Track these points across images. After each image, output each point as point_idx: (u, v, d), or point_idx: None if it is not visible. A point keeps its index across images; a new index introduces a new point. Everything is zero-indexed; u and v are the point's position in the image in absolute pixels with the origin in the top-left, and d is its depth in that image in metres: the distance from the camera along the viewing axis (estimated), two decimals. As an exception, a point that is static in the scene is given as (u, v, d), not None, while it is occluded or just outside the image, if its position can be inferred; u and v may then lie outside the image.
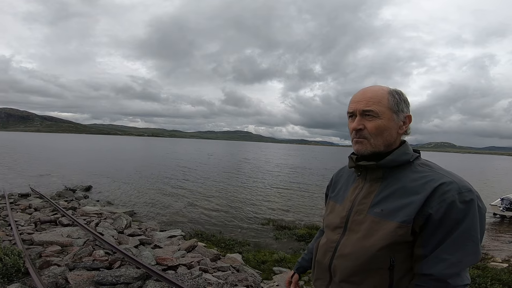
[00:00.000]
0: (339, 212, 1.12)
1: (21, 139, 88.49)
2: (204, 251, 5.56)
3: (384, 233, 0.95)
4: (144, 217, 9.73)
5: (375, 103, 1.01)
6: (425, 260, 0.91)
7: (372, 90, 1.05)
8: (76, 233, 5.62)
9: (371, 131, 1.01)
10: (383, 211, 0.97)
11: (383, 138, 1.02)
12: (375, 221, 0.98)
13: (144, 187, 15.68)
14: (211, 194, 14.50)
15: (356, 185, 1.12)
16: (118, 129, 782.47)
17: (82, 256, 4.36)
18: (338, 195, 1.19)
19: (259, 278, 4.84)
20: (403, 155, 1.02)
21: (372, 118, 1.01)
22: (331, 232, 1.13)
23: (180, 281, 3.61)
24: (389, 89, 1.05)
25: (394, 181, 1.00)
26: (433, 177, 0.94)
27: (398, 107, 1.02)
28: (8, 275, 3.29)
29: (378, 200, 1.01)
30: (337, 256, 1.06)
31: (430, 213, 0.90)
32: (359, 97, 1.05)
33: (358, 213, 1.04)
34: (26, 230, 5.65)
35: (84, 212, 8.05)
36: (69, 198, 11.03)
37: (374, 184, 1.05)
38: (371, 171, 1.05)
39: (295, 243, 7.57)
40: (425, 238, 0.92)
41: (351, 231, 1.05)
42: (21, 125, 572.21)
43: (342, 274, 1.04)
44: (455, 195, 0.88)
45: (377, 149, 1.02)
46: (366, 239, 0.98)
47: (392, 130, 1.02)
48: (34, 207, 8.02)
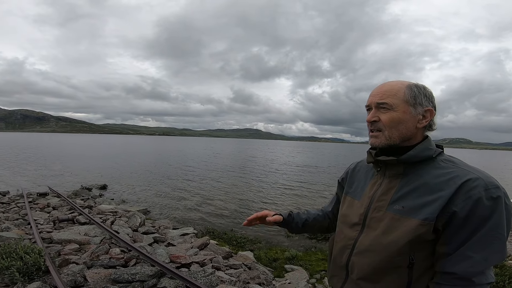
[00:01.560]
0: (357, 209, 1.12)
1: (38, 140, 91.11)
2: (216, 249, 5.64)
3: (405, 230, 0.93)
4: (157, 215, 9.92)
5: (390, 95, 1.01)
6: (449, 258, 0.90)
7: (389, 84, 1.05)
8: (93, 231, 5.78)
9: (385, 123, 1.01)
10: (404, 208, 0.96)
11: (398, 131, 1.01)
12: (395, 218, 0.97)
13: (156, 185, 15.95)
14: (222, 192, 14.62)
15: (374, 181, 1.11)
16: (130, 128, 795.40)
17: (99, 254, 4.49)
18: (356, 190, 1.18)
19: (271, 276, 4.89)
20: (426, 150, 1.00)
21: (386, 111, 1.01)
22: (348, 229, 1.12)
23: (194, 278, 3.68)
24: (408, 83, 1.04)
25: (415, 177, 0.99)
26: (458, 173, 0.92)
27: (416, 100, 1.00)
28: (29, 273, 3.39)
29: (398, 196, 0.99)
30: (355, 253, 1.06)
31: (455, 210, 0.88)
32: (376, 91, 1.05)
33: (377, 210, 1.03)
34: (45, 229, 5.85)
35: (100, 210, 8.27)
36: (85, 196, 11.33)
37: (393, 180, 1.03)
38: (391, 167, 1.04)
39: (306, 241, 7.57)
40: (449, 236, 0.90)
41: (369, 228, 1.04)
42: (37, 126, 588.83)
43: (360, 272, 1.03)
44: (481, 191, 0.86)
45: (392, 142, 1.01)
46: (385, 237, 0.98)
47: (408, 123, 1.00)
48: (53, 206, 8.27)
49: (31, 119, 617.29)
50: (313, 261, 5.89)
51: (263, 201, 12.82)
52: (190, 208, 11.14)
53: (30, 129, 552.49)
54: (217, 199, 12.84)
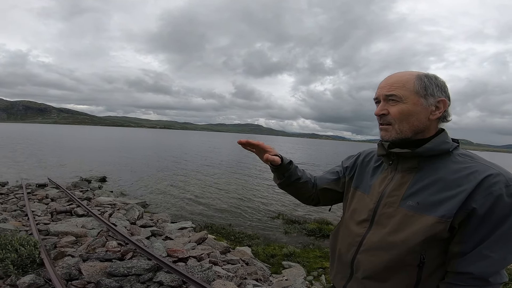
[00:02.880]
0: (366, 204, 1.05)
1: (39, 131, 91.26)
2: (214, 244, 5.61)
3: (419, 228, 0.88)
4: (155, 208, 9.91)
5: (399, 87, 0.95)
6: (464, 258, 0.85)
7: (397, 75, 0.98)
8: (91, 224, 5.75)
9: (394, 116, 0.95)
10: (419, 204, 0.90)
11: (409, 124, 0.95)
12: (409, 215, 0.91)
13: (156, 178, 15.94)
14: (221, 187, 14.61)
15: (385, 175, 1.05)
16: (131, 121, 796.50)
17: (95, 247, 4.46)
18: (365, 184, 1.11)
19: (268, 272, 4.86)
20: (442, 143, 0.94)
21: (395, 103, 0.95)
22: (355, 225, 1.06)
23: (191, 273, 3.64)
24: (418, 73, 0.97)
25: (431, 172, 0.93)
26: (478, 168, 0.86)
27: (427, 91, 0.94)
28: (23, 266, 3.36)
29: (412, 192, 0.94)
30: (362, 251, 1.00)
31: (474, 207, 0.82)
32: (384, 83, 0.99)
33: (388, 206, 0.97)
34: (43, 221, 5.82)
35: (98, 202, 8.25)
36: (84, 188, 11.31)
37: (407, 175, 0.97)
38: (404, 160, 0.98)
39: (305, 238, 7.55)
40: (465, 234, 0.85)
41: (378, 224, 0.98)
42: (39, 117, 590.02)
43: (366, 271, 0.98)
44: (502, 188, 0.81)
45: (403, 135, 0.95)
46: (396, 234, 0.92)
47: (420, 115, 0.94)
48: (51, 197, 8.25)
49: (33, 110, 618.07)
50: (310, 258, 5.87)
51: (262, 195, 12.81)
52: (188, 202, 11.13)
53: (32, 120, 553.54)
54: (216, 194, 12.82)
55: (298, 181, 1.23)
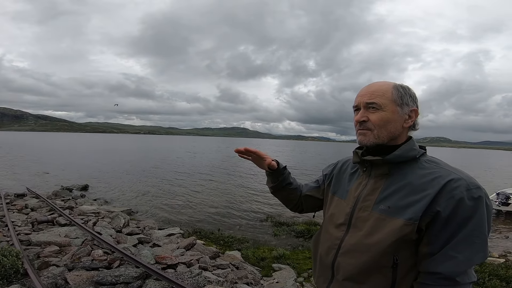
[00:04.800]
0: (343, 208, 1.11)
1: (15, 139, 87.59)
2: (203, 249, 5.57)
3: (390, 230, 0.94)
4: (142, 215, 9.71)
5: (379, 96, 1.02)
6: (432, 258, 0.90)
7: (377, 85, 1.06)
8: (74, 233, 5.58)
9: (374, 123, 1.02)
10: (390, 208, 0.96)
11: (387, 130, 1.01)
12: (381, 218, 0.97)
13: (141, 185, 15.63)
14: (208, 192, 14.49)
15: (360, 181, 1.11)
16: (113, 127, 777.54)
17: (80, 256, 4.33)
18: (342, 190, 1.18)
19: (258, 275, 4.86)
20: (410, 151, 1.01)
21: (376, 110, 1.02)
22: (334, 229, 1.12)
23: (180, 279, 3.61)
24: (394, 84, 1.06)
25: (400, 178, 0.99)
26: (441, 174, 0.93)
27: (402, 100, 1.02)
28: (6, 276, 3.25)
29: (384, 196, 1.00)
30: (341, 254, 1.05)
31: (438, 210, 0.89)
32: (364, 91, 1.06)
33: (363, 210, 1.03)
34: (24, 231, 5.60)
35: (81, 211, 8.00)
36: (65, 197, 10.95)
37: (379, 181, 1.04)
38: (376, 167, 1.05)
39: (294, 240, 7.60)
40: (432, 235, 0.91)
41: (355, 228, 1.04)
42: (15, 125, 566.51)
43: (345, 272, 1.03)
44: (463, 191, 0.87)
45: (380, 140, 1.02)
46: (370, 237, 0.98)
47: (396, 123, 1.02)
48: (31, 207, 7.95)
49: (9, 118, 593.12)
50: (300, 260, 5.91)
51: (249, 199, 12.79)
52: (176, 208, 10.97)
53: (8, 127, 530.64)
54: (204, 199, 12.71)
55: (289, 186, 1.33)
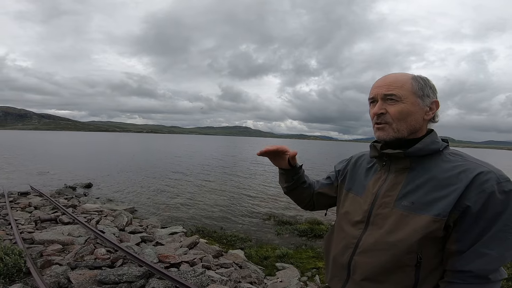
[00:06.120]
0: (360, 205, 1.06)
1: (20, 137, 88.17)
2: (206, 248, 5.54)
3: (415, 228, 0.88)
4: (144, 214, 9.71)
5: (398, 87, 0.96)
6: (462, 256, 0.85)
7: (394, 76, 1.00)
8: (77, 231, 5.58)
9: (393, 116, 0.96)
10: (414, 204, 0.91)
11: (406, 123, 0.96)
12: (404, 215, 0.92)
13: (143, 183, 15.64)
14: (210, 190, 14.48)
15: (378, 176, 1.06)
16: (116, 126, 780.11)
17: (83, 254, 4.32)
18: (358, 186, 1.12)
19: (262, 274, 4.83)
20: (433, 143, 0.95)
21: (394, 102, 0.96)
22: (351, 227, 1.06)
23: (184, 279, 3.58)
24: (413, 75, 1.00)
25: (423, 172, 0.94)
26: (469, 167, 0.88)
27: (423, 92, 0.97)
28: (9, 275, 3.24)
29: (406, 192, 0.94)
30: (359, 253, 1.00)
31: (468, 205, 0.83)
32: (381, 82, 1.00)
33: (383, 207, 0.98)
34: (27, 229, 5.60)
35: (84, 209, 8.01)
36: (69, 195, 10.97)
37: (400, 175, 0.98)
38: (397, 161, 0.99)
39: (297, 238, 7.56)
40: (461, 232, 0.86)
41: (374, 225, 0.99)
42: (19, 123, 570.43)
43: (364, 272, 0.98)
44: (494, 185, 0.82)
45: (400, 134, 0.97)
46: (393, 235, 0.92)
47: (417, 115, 0.97)
48: (34, 206, 7.96)
49: (13, 117, 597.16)
50: (304, 259, 5.87)
51: (252, 197, 12.76)
52: (178, 206, 10.96)
53: (12, 126, 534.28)
54: (206, 198, 12.70)
55: (303, 185, 1.28)
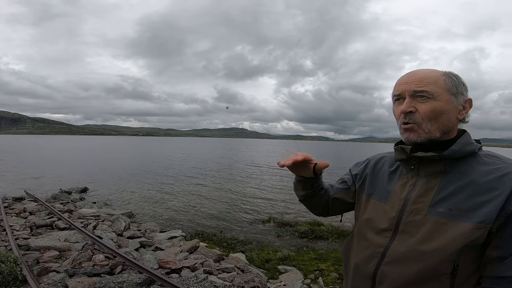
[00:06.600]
0: (386, 213, 0.98)
1: (13, 142, 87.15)
2: (206, 252, 5.44)
3: (455, 235, 0.82)
4: (142, 218, 9.56)
5: (430, 83, 0.88)
6: (504, 262, 0.79)
7: (424, 71, 0.92)
8: (74, 237, 5.45)
9: (424, 114, 0.88)
10: (452, 211, 0.84)
11: (438, 123, 0.88)
12: (440, 222, 0.85)
13: (141, 187, 15.46)
14: (209, 193, 14.35)
15: (404, 180, 0.98)
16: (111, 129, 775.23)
17: (81, 261, 4.20)
18: (380, 191, 1.04)
19: (265, 278, 4.74)
20: (468, 145, 0.88)
21: (426, 100, 0.88)
22: (375, 236, 0.98)
23: (186, 285, 3.48)
24: (443, 71, 0.92)
25: (459, 176, 0.87)
26: (510, 170, 0.81)
27: (457, 89, 0.90)
28: (5, 283, 3.12)
29: (441, 197, 0.87)
30: (386, 262, 0.93)
31: None
32: (408, 78, 0.92)
33: (414, 214, 0.90)
34: (22, 235, 5.46)
35: (80, 214, 7.85)
36: (64, 200, 10.80)
37: (432, 179, 0.91)
38: (428, 164, 0.92)
39: (298, 240, 7.47)
40: (503, 238, 0.80)
41: (405, 233, 0.91)
42: (12, 128, 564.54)
43: (393, 283, 0.90)
44: None
45: (432, 136, 0.89)
46: (428, 243, 0.85)
47: (450, 114, 0.89)
48: (29, 211, 7.79)
49: (6, 121, 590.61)
50: (306, 261, 5.79)
51: (251, 199, 12.66)
52: (176, 210, 10.83)
53: (5, 131, 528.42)
54: (204, 200, 12.57)
55: (321, 192, 1.18)
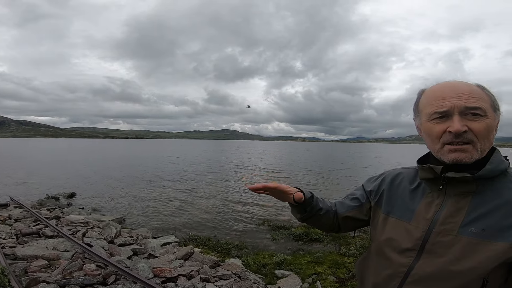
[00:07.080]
0: (409, 233, 0.93)
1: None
2: (201, 258, 5.30)
3: (489, 255, 0.79)
4: (134, 224, 9.31)
5: (479, 98, 0.82)
6: None
7: (464, 84, 0.86)
8: (63, 245, 5.24)
9: (479, 133, 0.82)
10: (485, 231, 0.81)
11: (489, 142, 0.84)
12: (473, 242, 0.81)
13: (130, 191, 15.13)
14: (201, 196, 14.16)
15: (430, 199, 0.93)
16: (99, 132, 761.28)
17: (71, 271, 4.02)
18: (401, 209, 0.99)
19: (262, 284, 4.64)
20: (501, 163, 0.85)
21: (479, 118, 0.82)
22: (397, 255, 0.94)
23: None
24: (475, 83, 0.87)
25: (493, 195, 0.83)
26: None
27: (497, 105, 0.86)
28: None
29: (473, 218, 0.83)
30: (410, 282, 0.89)
31: None
32: (457, 92, 0.84)
33: (443, 234, 0.86)
34: (8, 244, 5.22)
35: (69, 221, 7.58)
36: (51, 206, 10.43)
37: (462, 200, 0.86)
38: (458, 184, 0.87)
39: (293, 243, 7.40)
40: None
41: (431, 254, 0.87)
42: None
43: None
44: None
45: (482, 155, 0.84)
46: (459, 263, 0.82)
47: (494, 132, 0.86)
48: (15, 218, 7.48)
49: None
50: (303, 265, 5.72)
51: (244, 203, 12.54)
52: (168, 215, 10.61)
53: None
54: (197, 204, 12.38)
55: (319, 212, 1.13)
